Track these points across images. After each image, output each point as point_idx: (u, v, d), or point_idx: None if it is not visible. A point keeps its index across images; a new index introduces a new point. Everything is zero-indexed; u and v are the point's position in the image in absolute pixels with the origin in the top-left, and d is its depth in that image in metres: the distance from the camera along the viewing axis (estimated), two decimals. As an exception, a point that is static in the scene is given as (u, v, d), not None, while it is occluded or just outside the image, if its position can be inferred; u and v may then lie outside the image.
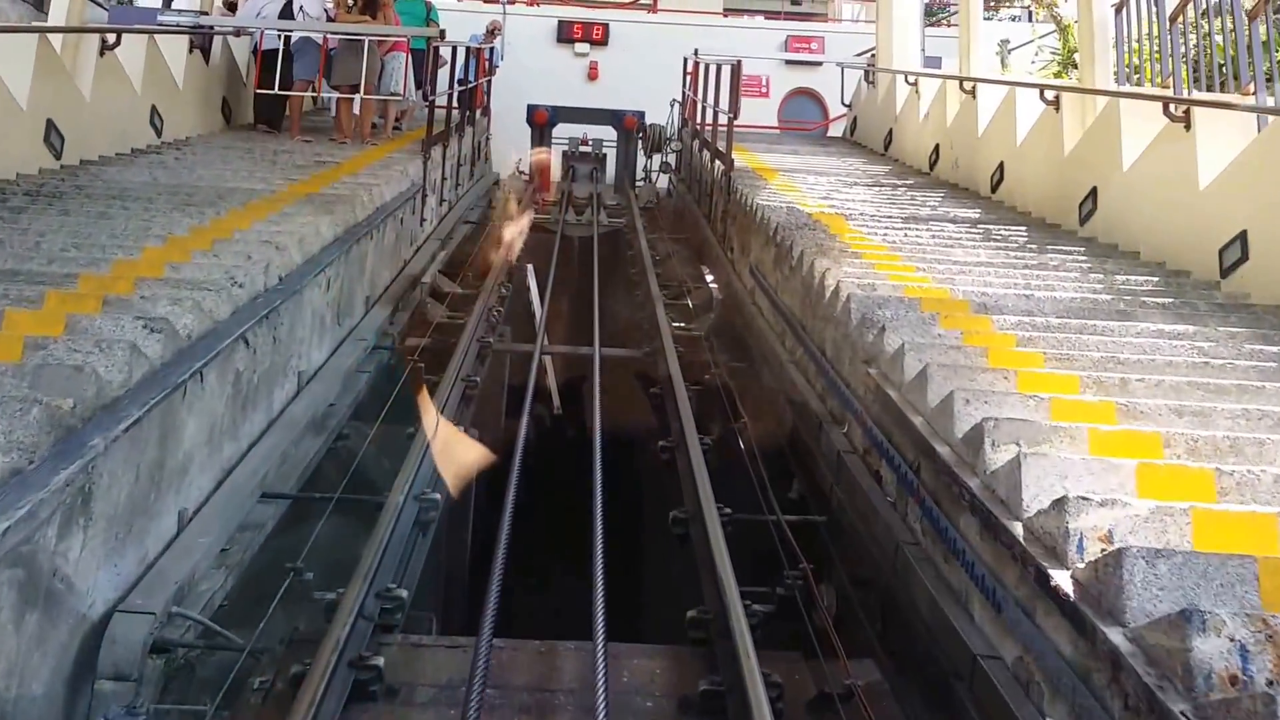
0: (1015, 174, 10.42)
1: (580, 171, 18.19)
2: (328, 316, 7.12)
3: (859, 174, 12.41)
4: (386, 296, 8.75)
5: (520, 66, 19.70)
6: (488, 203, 15.51)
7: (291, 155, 10.36)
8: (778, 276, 7.91)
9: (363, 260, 8.07)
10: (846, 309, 6.01)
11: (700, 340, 8.50)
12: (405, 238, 9.98)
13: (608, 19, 20.80)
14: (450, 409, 6.60)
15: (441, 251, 11.17)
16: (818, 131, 20.08)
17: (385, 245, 9.01)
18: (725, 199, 11.12)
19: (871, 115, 15.89)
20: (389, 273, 9.20)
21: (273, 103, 11.96)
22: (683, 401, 6.62)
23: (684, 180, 15.85)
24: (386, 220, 8.99)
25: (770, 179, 11.42)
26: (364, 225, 8.04)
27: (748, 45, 19.33)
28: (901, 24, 15.53)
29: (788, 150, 14.72)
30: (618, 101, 17.89)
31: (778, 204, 9.50)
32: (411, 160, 10.80)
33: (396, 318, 8.50)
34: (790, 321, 7.22)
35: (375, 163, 10.39)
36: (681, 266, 11.77)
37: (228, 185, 8.27)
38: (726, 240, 10.91)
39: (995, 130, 10.94)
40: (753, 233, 9.25)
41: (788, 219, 8.55)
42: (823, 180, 11.58)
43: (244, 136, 11.59)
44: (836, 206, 9.55)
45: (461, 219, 13.21)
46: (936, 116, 12.79)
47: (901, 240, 7.95)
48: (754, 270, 8.85)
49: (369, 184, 8.88)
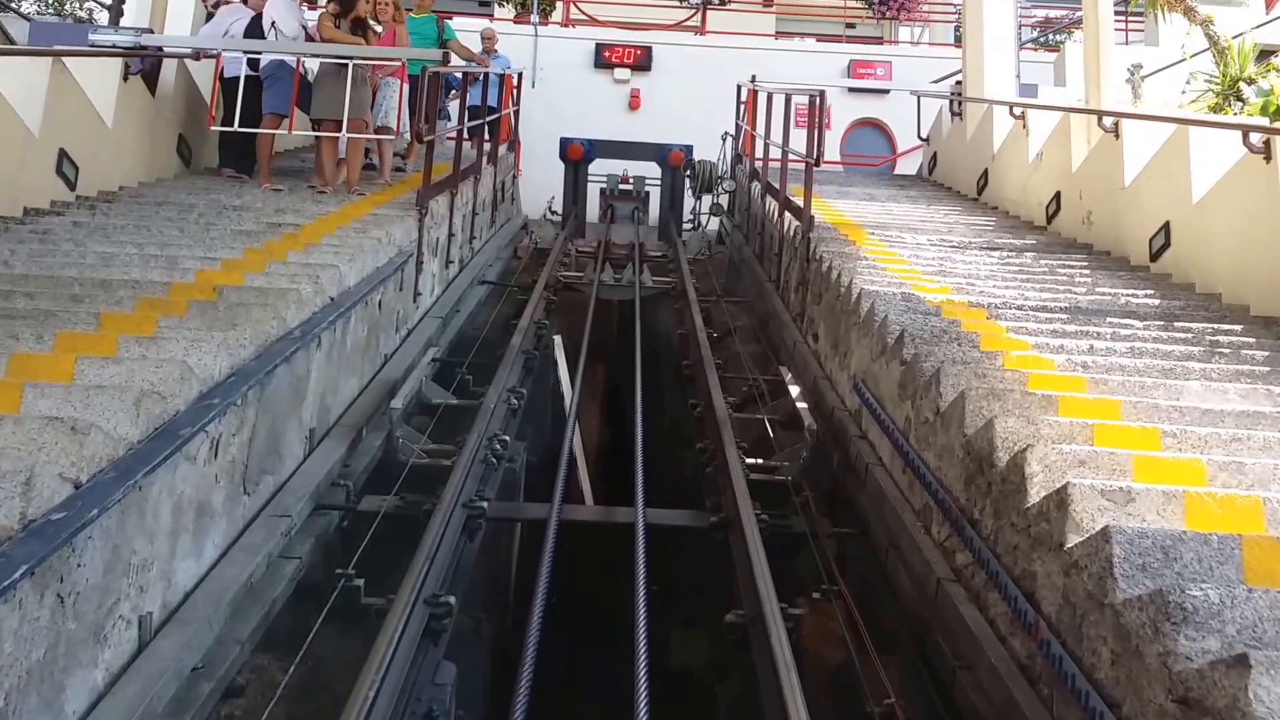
0: (1190, 240, 7.45)
1: (620, 212, 15.36)
2: (218, 495, 4.32)
3: (962, 230, 9.48)
4: (345, 423, 5.95)
5: (553, 95, 16.91)
6: (512, 252, 12.71)
7: (244, 215, 7.59)
8: (912, 416, 5.01)
9: (298, 384, 5.27)
10: (1110, 580, 3.08)
11: (788, 493, 5.61)
12: (387, 325, 7.18)
13: (650, 41, 17.92)
14: (394, 681, 3.75)
15: (442, 334, 8.36)
16: (884, 168, 17.16)
17: (349, 346, 6.21)
18: (803, 266, 8.24)
19: (958, 152, 12.93)
20: (355, 383, 6.40)
21: (243, 142, 9.21)
22: (783, 662, 3.70)
23: (739, 227, 12.97)
24: (353, 310, 6.19)
25: (857, 239, 8.53)
26: (300, 333, 5.23)
27: (807, 71, 16.48)
28: (994, 46, 12.59)
29: (862, 194, 11.80)
30: (662, 134, 15.05)
31: (884, 285, 6.61)
32: (404, 217, 8.02)
33: (352, 462, 5.67)
34: (949, 509, 4.32)
35: (352, 223, 7.60)
36: (745, 346, 8.89)
37: (106, 276, 5.48)
38: (806, 322, 8.02)
39: (1154, 181, 7.97)
40: (854, 328, 6.36)
41: (911, 319, 5.67)
42: (923, 241, 8.67)
43: (198, 186, 8.84)
44: (965, 290, 6.65)
45: (477, 279, 10.40)
46: (1056, 158, 9.83)
47: (1097, 362, 5.02)
48: (861, 387, 5.96)
49: (321, 265, 6.08)
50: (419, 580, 4.20)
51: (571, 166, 14.61)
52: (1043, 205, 9.98)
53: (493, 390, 6.52)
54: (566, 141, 14.50)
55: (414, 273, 7.99)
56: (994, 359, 5.01)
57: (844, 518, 5.48)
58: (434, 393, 6.74)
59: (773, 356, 8.67)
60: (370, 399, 6.44)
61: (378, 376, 6.81)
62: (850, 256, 7.64)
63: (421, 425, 6.47)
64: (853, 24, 22.00)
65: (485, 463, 5.82)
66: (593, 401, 11.19)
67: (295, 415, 5.28)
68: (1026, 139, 10.60)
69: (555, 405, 9.88)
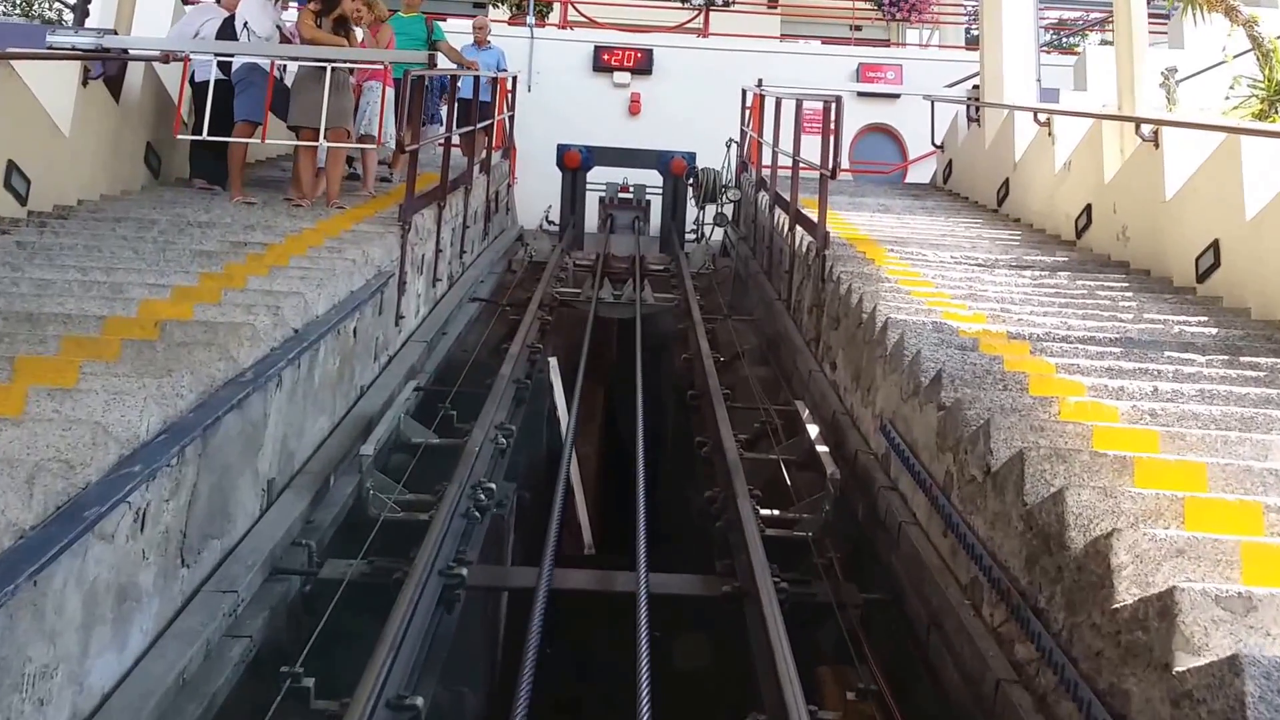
0: (1244, 260, 6.79)
1: (620, 221, 14.72)
2: (147, 574, 3.66)
3: (987, 245, 8.82)
4: (310, 470, 5.29)
5: (550, 100, 16.24)
6: (506, 266, 12.05)
7: (208, 232, 6.93)
8: (954, 471, 4.35)
9: (252, 432, 4.62)
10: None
11: (809, 553, 4.94)
12: (363, 354, 6.53)
13: (651, 44, 17.24)
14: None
15: (427, 360, 7.71)
16: (895, 175, 16.50)
17: (316, 381, 5.56)
18: (817, 287, 7.59)
19: (975, 160, 12.28)
20: (324, 421, 5.74)
21: (216, 151, 8.54)
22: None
23: (745, 239, 12.32)
24: (321, 341, 5.54)
25: (875, 257, 7.87)
26: (254, 374, 4.58)
27: (813, 74, 15.80)
28: (1014, 48, 11.95)
29: (876, 205, 11.14)
30: (663, 141, 14.38)
31: (911, 312, 5.96)
32: (385, 234, 7.37)
33: (316, 516, 5.00)
34: (1005, 590, 3.65)
35: (327, 241, 6.95)
36: (754, 369, 8.24)
37: (36, 309, 4.83)
38: (822, 348, 7.36)
39: (1201, 194, 7.31)
40: (879, 361, 5.70)
41: (948, 356, 5.01)
42: (946, 258, 8.02)
43: (164, 199, 8.18)
44: (1001, 318, 6.00)
45: (467, 296, 9.74)
46: (1087, 168, 9.17)
47: (1166, 410, 4.36)
48: (888, 429, 5.30)
49: (285, 293, 5.43)
50: (380, 677, 3.54)
51: (569, 175, 13.95)
52: (1071, 218, 9.32)
53: (478, 429, 5.86)
54: (564, 148, 13.84)
55: (395, 294, 7.34)
56: (1048, 406, 4.35)
57: (873, 581, 4.81)
58: (413, 431, 6.07)
59: (784, 384, 8.02)
60: (342, 439, 5.78)
61: (351, 412, 6.15)
62: (870, 278, 6.99)
63: (400, 467, 5.81)
64: (858, 26, 21.32)
65: (467, 516, 5.15)
66: (590, 423, 10.54)
67: (249, 467, 4.62)
68: (1053, 147, 9.95)
69: (550, 429, 9.22)
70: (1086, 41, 19.14)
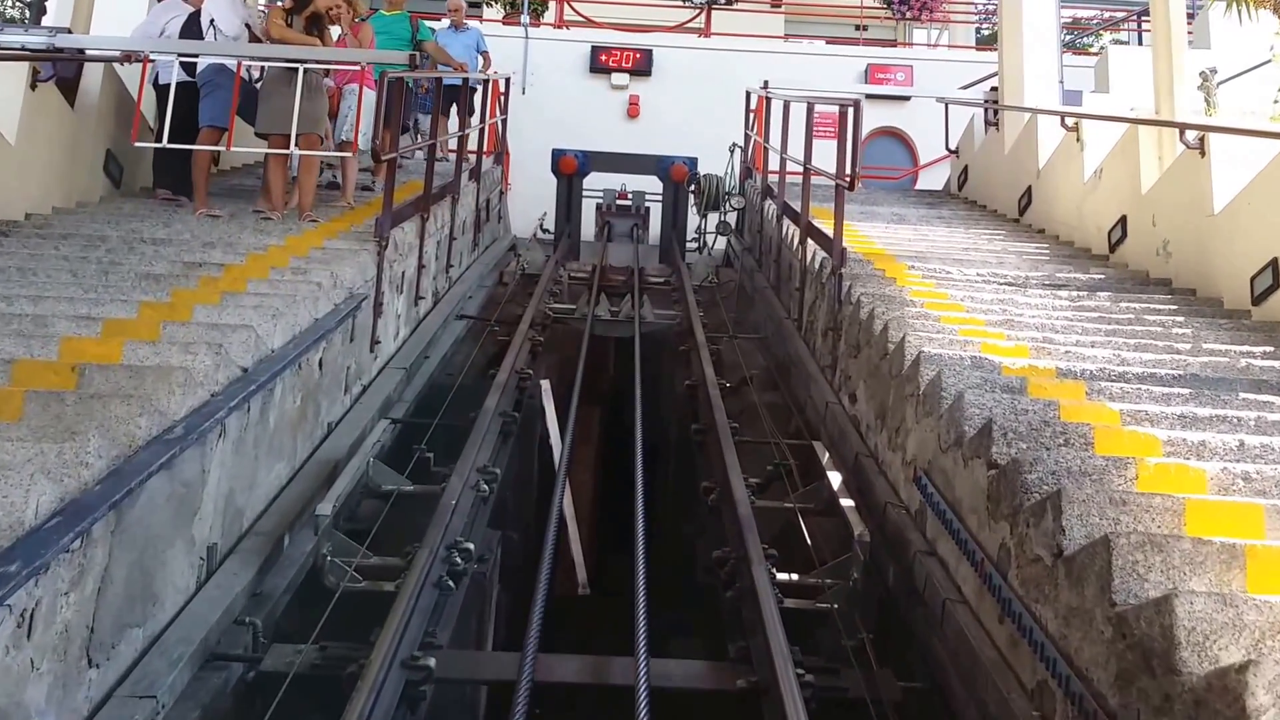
0: (1308, 281, 6.12)
1: (618, 229, 13.98)
2: (37, 687, 2.98)
3: (1014, 261, 8.14)
4: (261, 530, 4.61)
5: (545, 102, 15.55)
6: (497, 279, 11.36)
7: (162, 251, 6.25)
8: (1011, 546, 3.66)
9: (186, 494, 3.93)
10: None
11: (836, 631, 4.26)
12: (332, 387, 5.85)
13: (651, 44, 16.52)
14: None
15: (406, 388, 7.03)
16: (904, 181, 15.81)
17: (271, 424, 4.88)
18: (833, 308, 6.91)
19: (994, 166, 11.60)
20: (282, 468, 5.06)
21: (182, 159, 7.85)
22: None
23: (750, 250, 11.63)
24: (278, 379, 4.87)
25: (895, 274, 7.21)
26: (187, 428, 3.89)
27: (819, 75, 15.12)
28: (1035, 48, 11.27)
29: (890, 214, 10.46)
30: (663, 145, 13.66)
31: (943, 343, 5.29)
32: (360, 250, 6.70)
33: (265, 587, 4.32)
34: (1088, 709, 2.96)
35: (293, 261, 6.27)
36: (763, 395, 7.53)
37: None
38: (840, 377, 6.68)
39: (1257, 207, 6.62)
40: (909, 399, 5.03)
41: (995, 401, 4.33)
42: (973, 276, 7.35)
43: (123, 213, 7.49)
44: (1046, 350, 5.32)
45: (454, 314, 9.07)
46: (1120, 177, 8.49)
47: (1263, 473, 3.67)
48: (924, 482, 4.61)
49: (234, 326, 4.74)
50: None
51: (565, 181, 13.22)
52: (1103, 231, 8.64)
53: (457, 475, 5.16)
54: (559, 153, 13.12)
55: (371, 318, 6.65)
56: (1123, 470, 3.67)
57: (912, 667, 4.13)
58: (384, 477, 5.38)
59: (796, 412, 7.34)
60: (302, 488, 5.10)
61: (316, 455, 5.48)
62: (893, 300, 6.31)
63: (369, 517, 5.13)
64: (864, 26, 20.60)
65: (439, 585, 4.47)
66: (585, 445, 9.87)
67: (181, 535, 3.94)
68: (1081, 154, 9.27)
69: (542, 458, 8.55)
70: (1100, 41, 18.47)
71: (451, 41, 10.67)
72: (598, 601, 8.54)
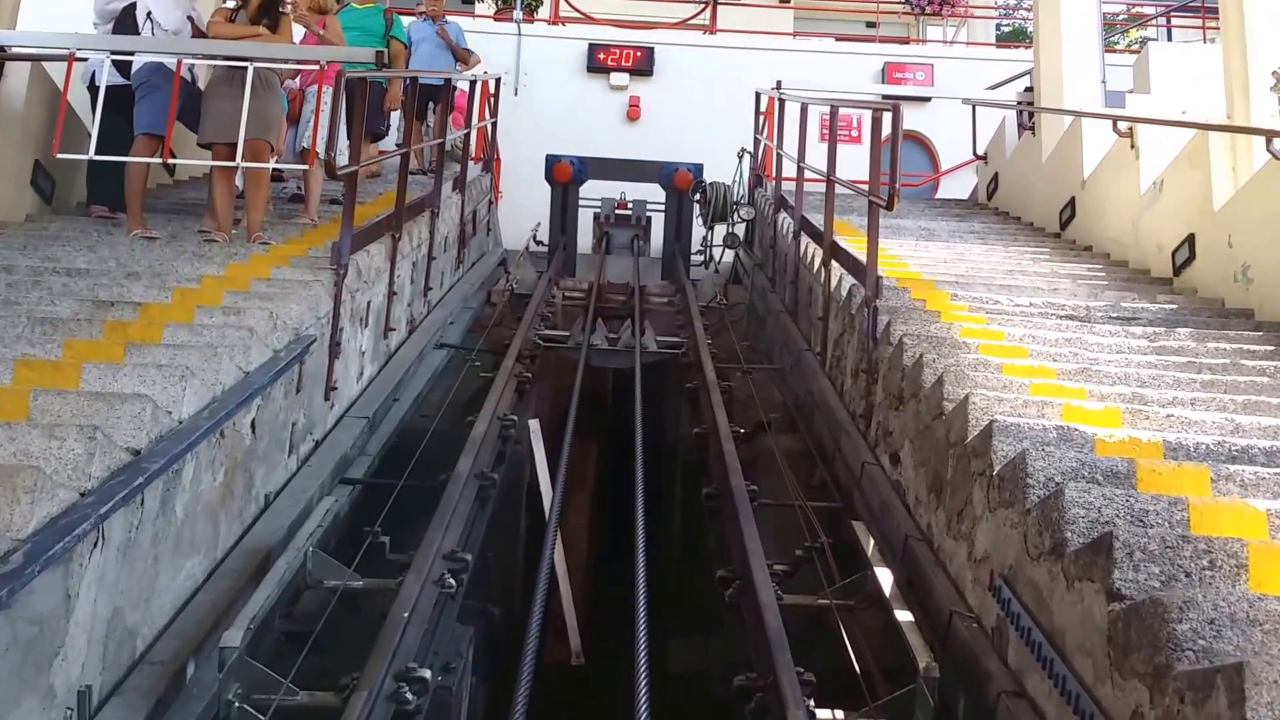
0: None
1: (617, 241, 12.98)
2: None
3: (1069, 286, 7.15)
4: (157, 657, 3.62)
5: (538, 104, 14.55)
6: (485, 298, 10.39)
7: (73, 284, 5.26)
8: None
9: (38, 636, 2.95)
10: None
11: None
12: (270, 450, 4.86)
13: (652, 42, 15.51)
14: None
15: (369, 440, 6.04)
16: (925, 188, 14.82)
17: (179, 513, 3.88)
18: (865, 345, 5.92)
19: (1029, 174, 10.61)
20: (196, 566, 4.06)
21: (120, 171, 6.85)
22: None
23: (761, 266, 10.64)
24: (187, 456, 3.88)
25: (937, 305, 6.23)
26: (32, 550, 2.90)
27: (833, 75, 14.15)
28: (1075, 45, 10.29)
29: (918, 229, 9.47)
30: (666, 151, 12.68)
31: (1014, 404, 4.32)
32: (312, 282, 5.71)
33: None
34: None
35: (229, 298, 5.28)
36: (781, 440, 6.55)
37: None
38: (877, 431, 5.67)
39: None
40: (978, 479, 4.03)
41: (1105, 502, 3.33)
42: (1026, 305, 6.39)
43: (46, 234, 6.51)
44: (1144, 414, 4.33)
45: (434, 342, 8.09)
46: (1186, 190, 7.49)
47: None
48: (1005, 594, 3.62)
49: (124, 396, 3.75)
50: None
51: (559, 189, 12.22)
52: (1165, 250, 7.65)
53: (413, 574, 4.17)
54: (553, 160, 12.12)
55: (326, 359, 5.67)
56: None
57: None
58: (326, 570, 4.38)
59: (821, 463, 6.35)
60: (220, 591, 4.11)
61: (243, 542, 4.48)
62: (942, 342, 5.32)
63: (304, 623, 4.14)
64: (874, 23, 19.58)
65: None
66: (580, 489, 8.90)
67: (31, 689, 2.95)
68: (1136, 162, 8.27)
69: (530, 505, 7.59)
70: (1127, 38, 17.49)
71: (427, 37, 9.62)
72: (593, 668, 7.60)
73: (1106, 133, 8.85)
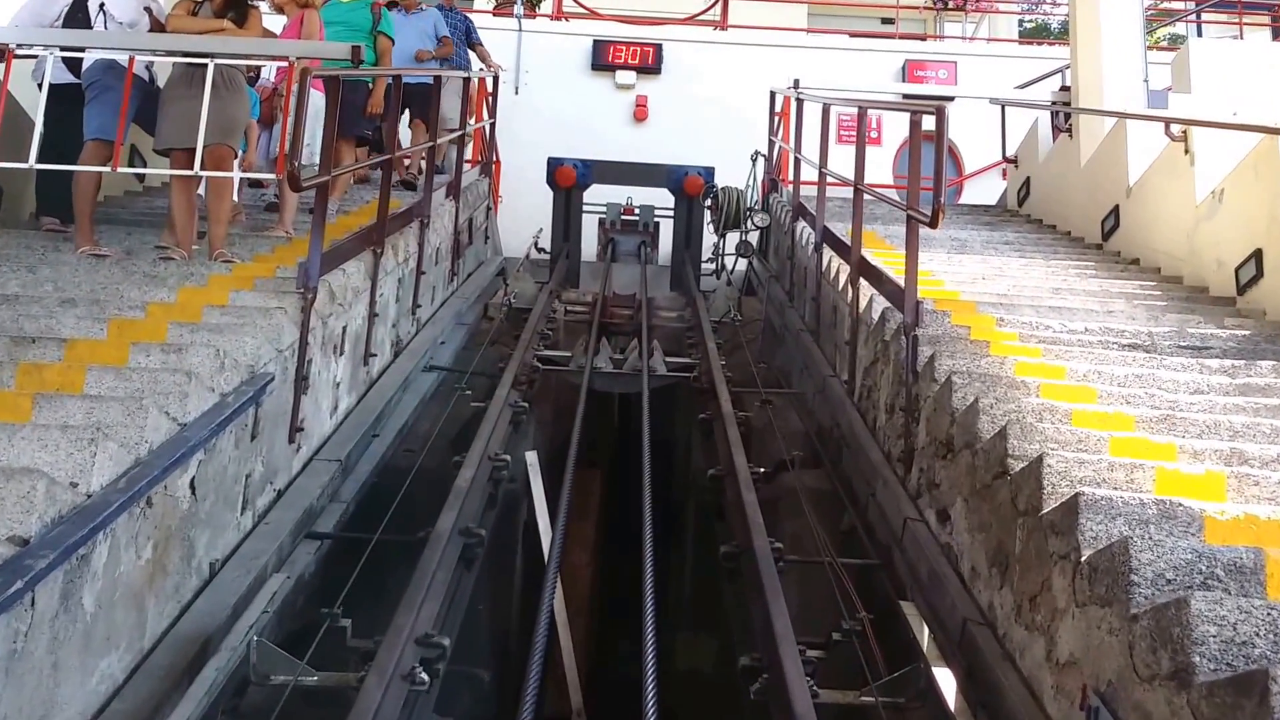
0: None
1: (623, 248, 12.30)
2: None
3: (1125, 308, 6.41)
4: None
5: (540, 104, 13.84)
6: (481, 312, 9.67)
7: (5, 311, 4.58)
8: None
9: None
10: None
11: None
12: (217, 511, 4.15)
13: (661, 38, 14.78)
14: None
15: (340, 486, 5.33)
16: (948, 193, 14.07)
17: (90, 604, 3.18)
18: (904, 379, 5.20)
19: (1067, 180, 9.87)
20: (113, 665, 3.36)
21: (69, 180, 6.16)
22: None
23: (777, 278, 9.93)
24: (97, 537, 3.18)
25: (982, 332, 5.53)
26: None
27: (850, 73, 13.45)
28: (1116, 42, 9.56)
29: (949, 239, 8.73)
30: (675, 153, 11.96)
31: (1095, 465, 3.61)
32: (275, 310, 5.01)
33: None
34: None
35: (175, 330, 4.58)
36: (805, 479, 5.84)
37: None
38: (920, 480, 4.95)
39: None
40: (1055, 561, 3.32)
41: (1229, 610, 2.62)
42: (1081, 331, 5.68)
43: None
44: (1251, 478, 3.61)
45: (423, 365, 7.39)
46: (1251, 201, 6.75)
47: None
48: (1104, 715, 2.90)
49: (10, 474, 3.05)
50: None
51: (562, 194, 11.50)
52: (1227, 266, 6.92)
53: (375, 675, 3.46)
54: (556, 163, 11.42)
55: (290, 397, 4.97)
56: None
57: None
58: (274, 663, 3.68)
59: (850, 505, 5.63)
60: (143, 695, 3.40)
61: (178, 626, 3.77)
62: (997, 381, 4.61)
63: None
64: (891, 19, 18.81)
65: None
66: (584, 521, 8.21)
67: None
68: (1191, 169, 7.54)
69: (527, 544, 6.90)
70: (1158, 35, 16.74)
71: (402, 28, 8.83)
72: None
73: (1153, 135, 8.12)
